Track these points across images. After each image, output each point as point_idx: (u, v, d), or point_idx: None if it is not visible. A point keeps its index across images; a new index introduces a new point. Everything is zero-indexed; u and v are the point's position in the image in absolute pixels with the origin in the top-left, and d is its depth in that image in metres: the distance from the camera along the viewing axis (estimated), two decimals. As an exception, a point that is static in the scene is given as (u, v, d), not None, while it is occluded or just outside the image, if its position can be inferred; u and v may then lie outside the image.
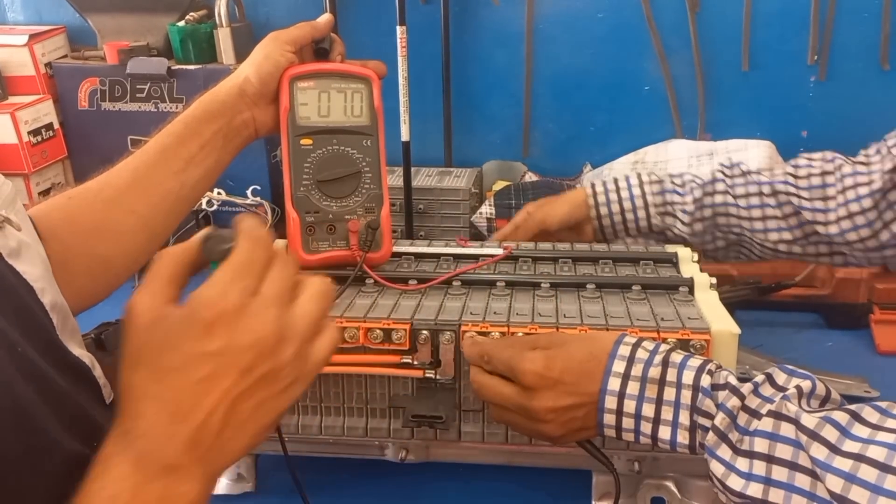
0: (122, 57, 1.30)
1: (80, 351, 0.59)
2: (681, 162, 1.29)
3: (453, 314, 0.75)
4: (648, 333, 0.71)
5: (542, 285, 0.81)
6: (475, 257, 0.89)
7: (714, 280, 0.81)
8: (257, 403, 0.45)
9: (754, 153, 1.25)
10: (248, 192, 1.06)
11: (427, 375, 0.74)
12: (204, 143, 0.81)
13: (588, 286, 0.81)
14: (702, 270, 0.85)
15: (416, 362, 0.74)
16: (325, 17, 0.88)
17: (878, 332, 1.09)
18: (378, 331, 0.74)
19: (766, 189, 0.93)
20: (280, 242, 0.93)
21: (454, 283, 0.82)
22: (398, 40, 1.19)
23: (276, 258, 0.48)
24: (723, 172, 0.96)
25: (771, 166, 1.23)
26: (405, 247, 0.93)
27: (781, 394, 0.57)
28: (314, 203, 0.84)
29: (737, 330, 0.72)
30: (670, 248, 0.92)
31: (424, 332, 0.73)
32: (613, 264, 0.88)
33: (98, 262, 0.76)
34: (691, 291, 0.80)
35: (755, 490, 0.55)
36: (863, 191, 0.87)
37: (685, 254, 0.89)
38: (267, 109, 0.85)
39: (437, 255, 0.91)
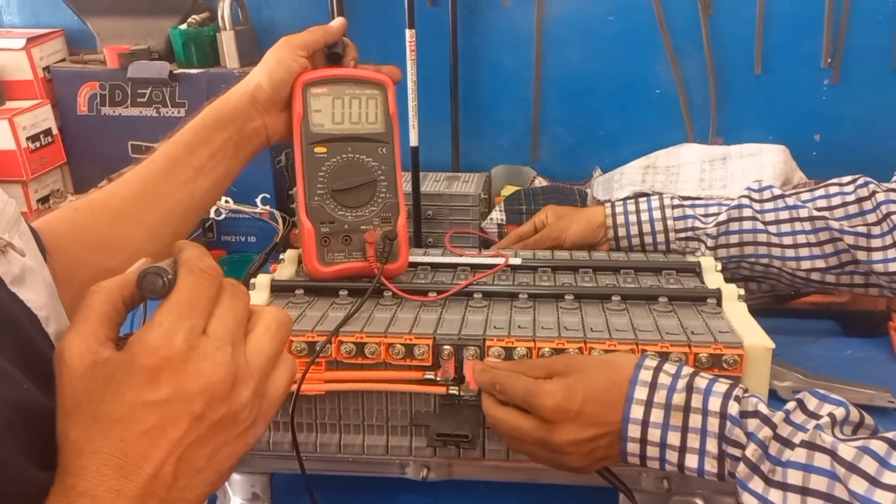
0: (122, 61, 1.28)
1: None
2: (693, 167, 1.27)
3: (477, 328, 0.73)
4: (679, 348, 0.69)
5: (566, 297, 0.79)
6: (491, 267, 0.87)
7: (742, 291, 0.79)
8: (213, 450, 0.42)
9: (768, 158, 1.22)
10: (258, 200, 1.03)
11: (451, 392, 0.72)
12: (214, 152, 0.79)
13: (613, 298, 0.79)
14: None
15: (439, 378, 0.72)
16: (339, 21, 0.86)
17: (899, 339, 1.07)
18: (400, 346, 0.71)
19: (802, 213, 0.90)
20: (291, 253, 0.90)
21: (475, 296, 0.80)
22: (407, 44, 1.17)
23: (224, 291, 0.44)
24: (750, 197, 0.93)
25: (786, 171, 1.22)
26: (418, 256, 0.91)
27: (814, 422, 0.55)
28: (329, 213, 0.82)
29: (771, 344, 0.70)
30: (692, 258, 0.90)
31: (447, 347, 0.71)
32: (635, 274, 0.86)
33: (105, 276, 0.73)
34: (719, 303, 0.78)
35: None
36: None
37: (708, 263, 0.87)
38: (279, 116, 0.83)
39: (454, 265, 0.88)
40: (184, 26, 1.29)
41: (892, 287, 0.89)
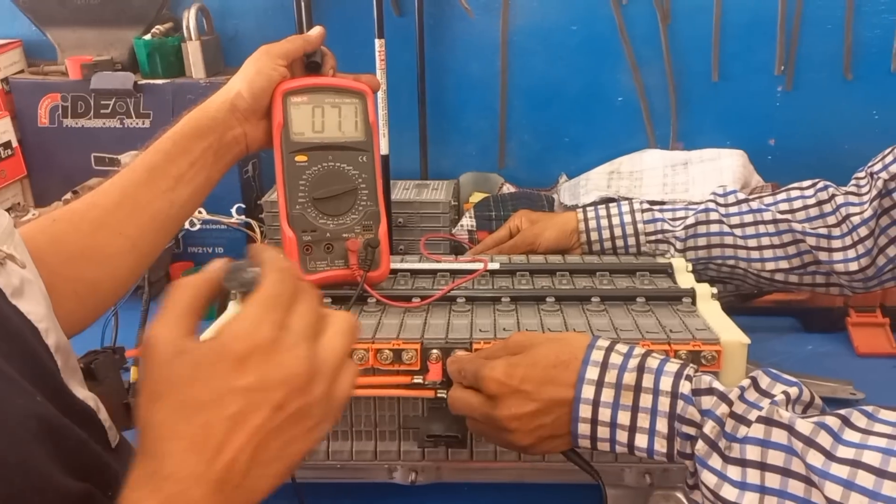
0: (85, 72, 1.26)
1: (83, 392, 0.56)
2: (656, 171, 1.31)
3: (463, 332, 0.74)
4: (660, 346, 0.71)
5: (547, 299, 0.81)
6: (471, 272, 0.88)
7: (715, 290, 0.82)
8: (286, 442, 0.43)
9: (728, 162, 1.27)
10: (233, 210, 1.02)
11: (439, 395, 0.72)
12: (194, 161, 0.78)
13: (592, 299, 0.81)
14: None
15: (427, 382, 0.73)
16: (317, 30, 0.86)
17: (856, 334, 1.12)
18: (388, 351, 0.72)
19: (766, 216, 0.93)
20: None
21: (458, 300, 0.81)
22: (377, 53, 1.18)
23: (302, 291, 0.46)
24: (715, 202, 0.96)
25: (744, 175, 1.26)
26: (397, 263, 0.92)
27: (769, 399, 0.56)
28: (310, 221, 0.82)
29: (746, 340, 0.73)
30: (662, 260, 0.93)
31: (435, 351, 0.72)
32: (610, 276, 0.89)
33: (85, 287, 0.73)
34: (694, 302, 0.81)
35: (751, 499, 0.53)
36: (856, 220, 0.88)
37: (680, 264, 0.90)
38: (258, 125, 0.83)
39: (434, 271, 0.89)
40: (148, 36, 1.28)
41: (852, 286, 0.93)
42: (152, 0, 1.31)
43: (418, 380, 0.72)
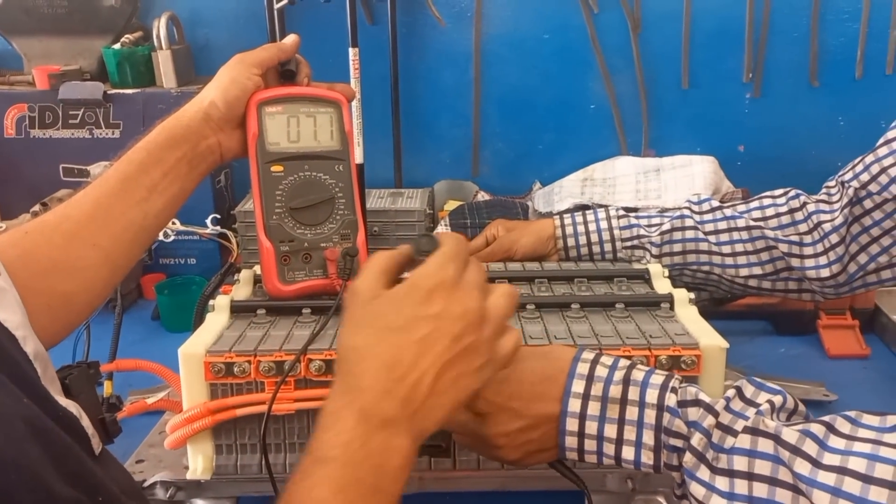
0: (53, 82, 1.24)
1: (64, 400, 0.55)
2: (629, 178, 1.32)
3: (444, 340, 0.74)
4: (640, 352, 0.72)
5: (527, 307, 0.81)
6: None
7: (693, 295, 0.83)
8: (458, 374, 0.50)
9: (699, 168, 1.28)
10: (208, 220, 1.01)
11: (421, 405, 0.72)
12: (168, 171, 0.77)
13: (572, 306, 0.81)
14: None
15: (408, 392, 0.72)
16: (292, 39, 0.86)
17: (827, 336, 1.14)
18: (369, 361, 0.71)
19: (739, 223, 0.94)
20: (246, 273, 0.90)
21: (438, 309, 0.81)
22: (350, 62, 1.17)
23: (473, 261, 0.54)
24: (690, 209, 0.97)
25: (715, 181, 1.28)
26: (375, 272, 0.91)
27: (754, 409, 0.56)
28: (288, 231, 0.82)
29: (725, 344, 0.73)
30: (639, 266, 0.94)
31: (416, 360, 0.72)
32: (588, 282, 0.89)
33: (59, 300, 0.71)
34: (672, 307, 0.81)
35: None
36: (828, 227, 0.90)
37: (657, 270, 0.91)
38: (233, 134, 0.82)
39: (413, 280, 0.89)
40: (117, 46, 1.26)
41: (824, 292, 0.94)
42: (121, 9, 1.30)
43: (400, 389, 0.72)
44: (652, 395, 0.60)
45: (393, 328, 0.50)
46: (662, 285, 0.88)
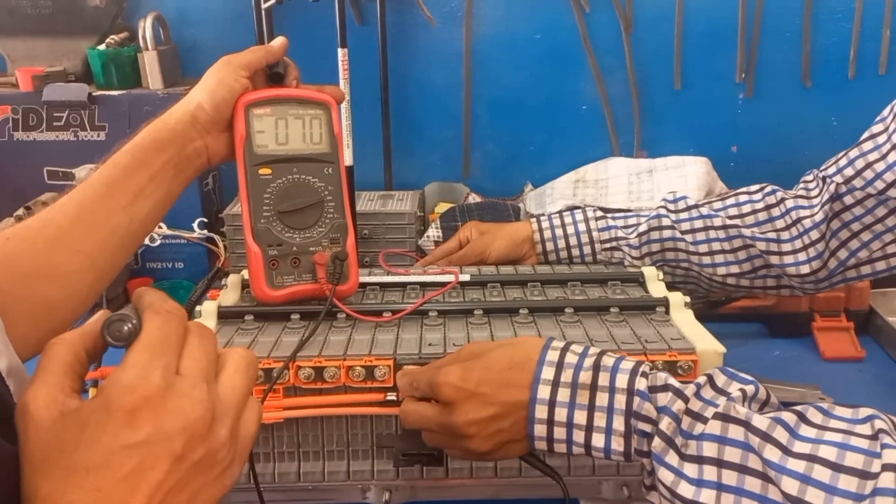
0: (37, 83, 1.22)
1: None
2: (621, 179, 1.31)
3: (436, 346, 0.73)
4: (635, 356, 0.70)
5: (521, 311, 0.80)
6: (441, 284, 0.87)
7: (688, 299, 0.82)
8: (192, 493, 0.40)
9: (692, 169, 1.27)
10: (195, 224, 0.99)
11: (413, 412, 0.71)
12: (154, 175, 0.76)
13: (566, 310, 0.80)
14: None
15: (400, 398, 0.71)
16: (280, 41, 0.84)
17: (822, 339, 1.13)
18: (360, 368, 0.70)
19: (716, 222, 0.93)
20: (234, 278, 0.88)
21: (430, 314, 0.79)
22: (339, 63, 1.16)
23: (191, 332, 0.44)
24: (666, 208, 0.96)
25: (708, 182, 1.27)
26: (365, 276, 0.90)
27: (724, 398, 0.56)
28: (276, 235, 0.80)
29: (722, 349, 0.72)
30: (633, 269, 0.92)
31: (409, 366, 0.70)
32: (582, 286, 0.88)
33: (41, 307, 0.70)
34: (667, 311, 0.80)
35: (707, 497, 0.53)
36: (808, 223, 0.89)
37: (651, 273, 0.90)
38: (220, 137, 0.81)
39: (404, 284, 0.88)
40: (102, 46, 1.24)
41: (804, 287, 0.94)
42: (106, 9, 1.27)
43: (392, 397, 0.71)
44: (622, 380, 0.59)
45: (88, 467, 0.37)
46: (657, 289, 0.87)
